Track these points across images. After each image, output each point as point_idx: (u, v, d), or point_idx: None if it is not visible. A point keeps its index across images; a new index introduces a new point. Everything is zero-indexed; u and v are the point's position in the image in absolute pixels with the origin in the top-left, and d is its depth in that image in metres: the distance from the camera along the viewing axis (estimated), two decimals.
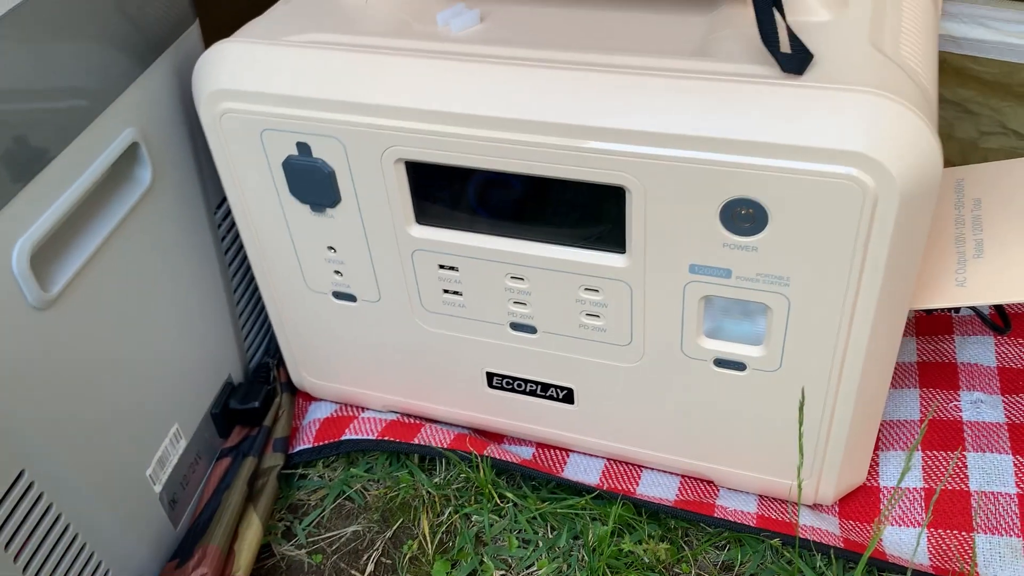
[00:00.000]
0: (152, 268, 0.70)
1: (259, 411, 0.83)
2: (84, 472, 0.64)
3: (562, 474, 0.79)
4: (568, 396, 0.75)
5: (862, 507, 0.74)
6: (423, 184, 0.65)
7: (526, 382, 0.76)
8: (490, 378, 0.77)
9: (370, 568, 0.75)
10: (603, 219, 0.62)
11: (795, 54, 0.55)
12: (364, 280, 0.73)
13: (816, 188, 0.54)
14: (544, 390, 0.76)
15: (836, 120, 0.53)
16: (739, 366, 0.66)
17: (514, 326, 0.71)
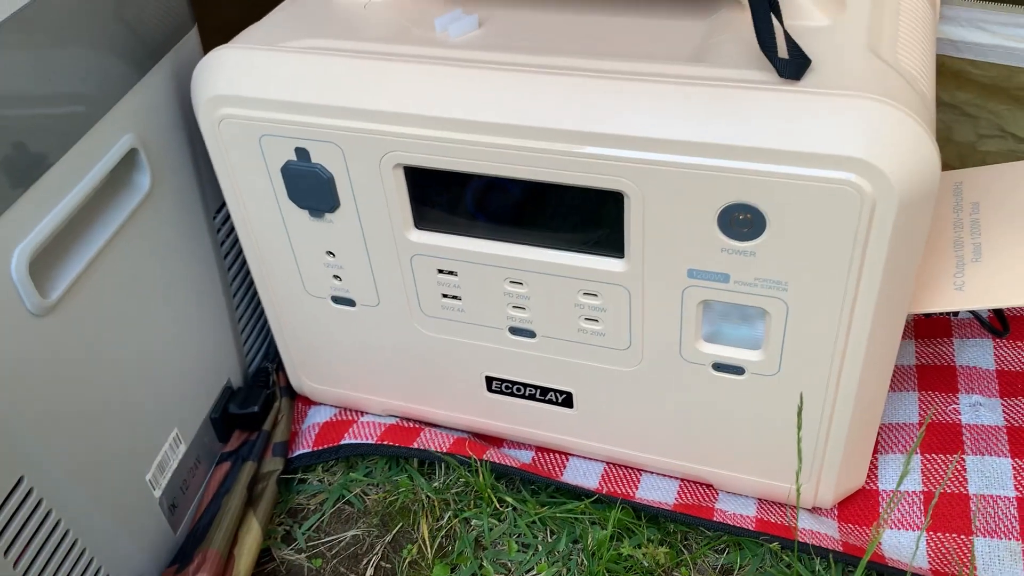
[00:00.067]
0: (151, 273, 0.70)
1: (258, 415, 0.83)
2: (83, 477, 0.64)
3: (561, 478, 0.79)
4: (567, 400, 0.75)
5: (861, 510, 0.74)
6: (422, 189, 0.65)
7: (525, 386, 0.76)
8: (489, 382, 0.77)
9: (370, 572, 0.75)
10: (601, 224, 0.62)
11: (793, 59, 0.55)
12: (363, 285, 0.73)
13: (814, 193, 0.54)
14: (543, 394, 0.76)
15: (834, 125, 0.53)
16: (738, 370, 0.66)
17: (513, 330, 0.71)
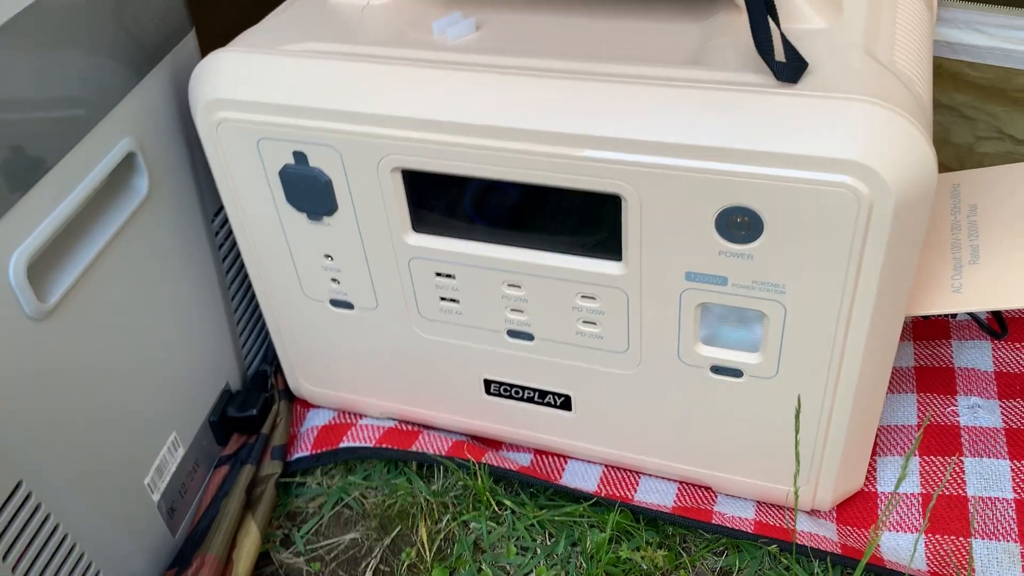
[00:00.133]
0: (150, 277, 0.70)
1: (257, 419, 0.83)
2: (82, 482, 0.64)
3: (560, 481, 0.79)
4: (566, 403, 0.75)
5: (860, 513, 0.74)
6: (420, 192, 0.65)
7: (524, 389, 0.76)
8: (488, 385, 0.77)
9: (368, 575, 0.76)
10: (599, 227, 0.62)
11: (790, 62, 0.55)
12: (361, 288, 0.73)
13: (811, 196, 0.54)
14: (542, 397, 0.76)
15: (831, 128, 0.53)
16: (736, 373, 0.66)
17: (511, 333, 0.71)
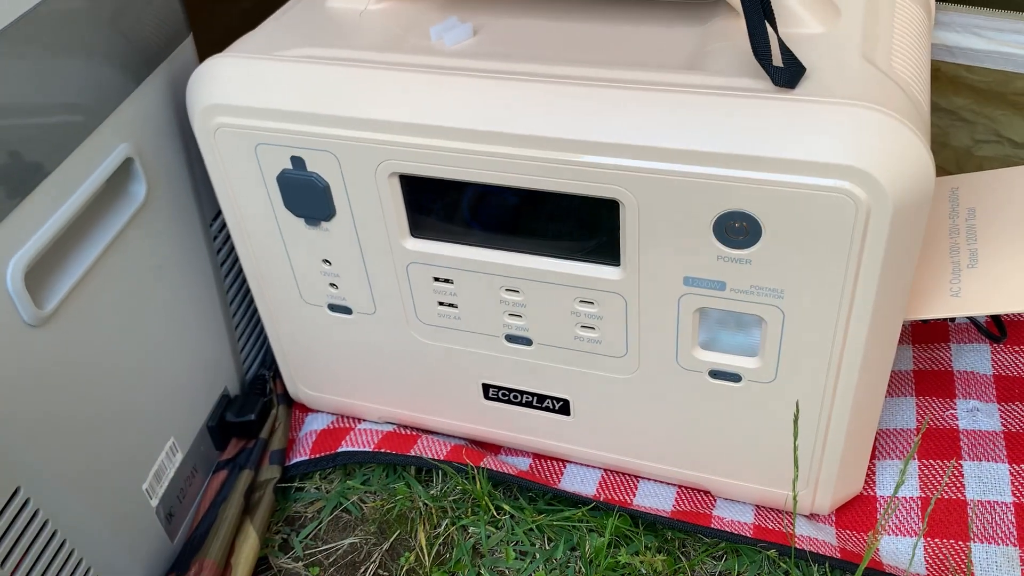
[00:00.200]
0: (147, 283, 0.70)
1: (255, 423, 0.83)
2: (80, 487, 0.64)
3: (559, 485, 0.79)
4: (564, 407, 0.75)
5: (859, 517, 0.74)
6: (417, 197, 0.65)
7: (522, 394, 0.76)
8: (486, 390, 0.77)
9: None
10: (597, 232, 0.62)
11: (787, 67, 0.55)
12: (359, 293, 0.73)
13: (809, 201, 0.54)
14: (540, 401, 0.76)
15: (828, 133, 0.53)
16: (734, 377, 0.66)
17: (509, 338, 0.71)
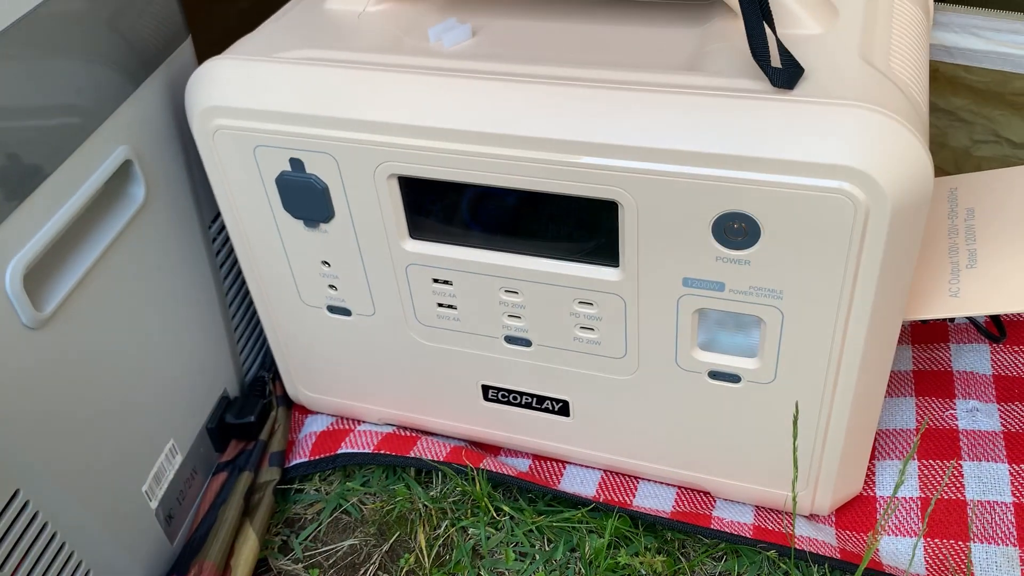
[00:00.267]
0: (147, 285, 0.70)
1: (255, 425, 0.83)
2: (79, 490, 0.64)
3: (558, 486, 0.79)
4: (564, 408, 0.75)
5: (859, 517, 0.74)
6: (416, 199, 0.65)
7: (522, 395, 0.76)
8: (485, 391, 0.77)
9: None
10: (596, 233, 0.62)
11: (786, 68, 0.55)
12: (358, 294, 0.73)
13: (808, 202, 0.54)
14: (540, 403, 0.76)
15: (827, 134, 0.53)
16: (734, 378, 0.66)
17: (509, 339, 0.71)
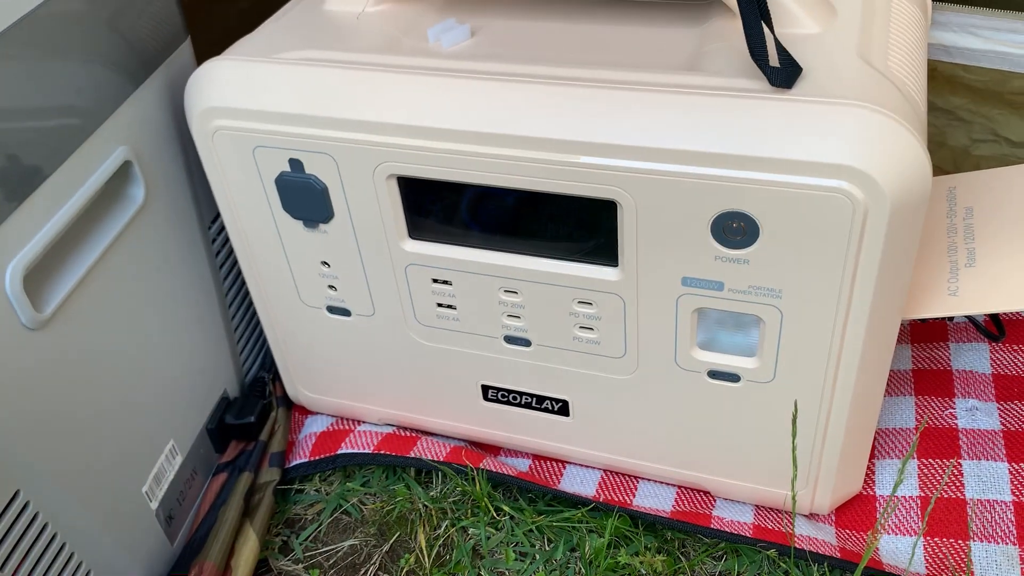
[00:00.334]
0: (146, 285, 0.70)
1: (255, 426, 0.83)
2: (79, 490, 0.64)
3: (558, 486, 0.79)
4: (563, 408, 0.75)
5: (858, 516, 0.74)
6: (416, 199, 0.65)
7: (521, 395, 0.76)
8: (485, 391, 0.77)
9: None
10: (595, 233, 0.62)
11: (784, 67, 0.55)
12: (358, 295, 0.73)
13: (806, 201, 0.54)
14: (539, 403, 0.76)
15: (825, 133, 0.53)
16: (733, 378, 0.66)
17: (508, 339, 0.71)
